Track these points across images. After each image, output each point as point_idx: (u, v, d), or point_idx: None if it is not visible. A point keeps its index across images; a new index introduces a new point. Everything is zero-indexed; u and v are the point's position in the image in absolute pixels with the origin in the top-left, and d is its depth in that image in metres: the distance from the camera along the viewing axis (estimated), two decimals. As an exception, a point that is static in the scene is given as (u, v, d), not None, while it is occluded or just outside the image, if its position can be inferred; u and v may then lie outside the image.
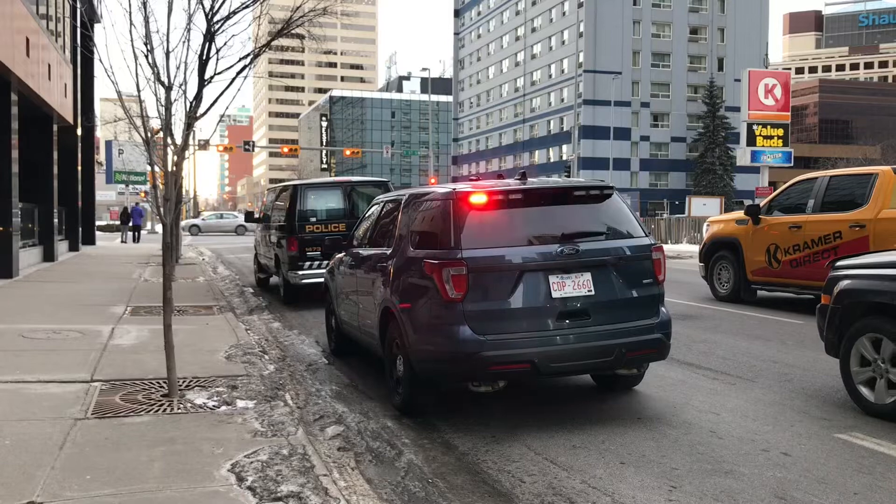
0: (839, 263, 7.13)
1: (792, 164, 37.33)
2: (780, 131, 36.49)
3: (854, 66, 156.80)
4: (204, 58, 7.19)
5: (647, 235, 6.64)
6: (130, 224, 39.41)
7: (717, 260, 13.94)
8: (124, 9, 6.67)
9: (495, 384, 6.17)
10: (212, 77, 7.28)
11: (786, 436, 5.86)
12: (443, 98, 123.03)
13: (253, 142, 67.16)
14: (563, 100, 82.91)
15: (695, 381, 7.65)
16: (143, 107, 7.07)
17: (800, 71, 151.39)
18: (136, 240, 38.48)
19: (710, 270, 14.15)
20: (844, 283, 6.70)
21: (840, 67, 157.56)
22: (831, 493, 4.74)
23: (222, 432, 5.57)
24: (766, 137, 36.23)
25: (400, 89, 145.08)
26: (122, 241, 37.83)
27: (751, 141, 36.11)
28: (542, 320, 6.02)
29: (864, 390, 6.47)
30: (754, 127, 36.06)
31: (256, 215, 18.19)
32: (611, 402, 6.89)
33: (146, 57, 6.67)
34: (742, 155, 37.22)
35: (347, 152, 71.51)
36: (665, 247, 13.58)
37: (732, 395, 7.10)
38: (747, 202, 17.85)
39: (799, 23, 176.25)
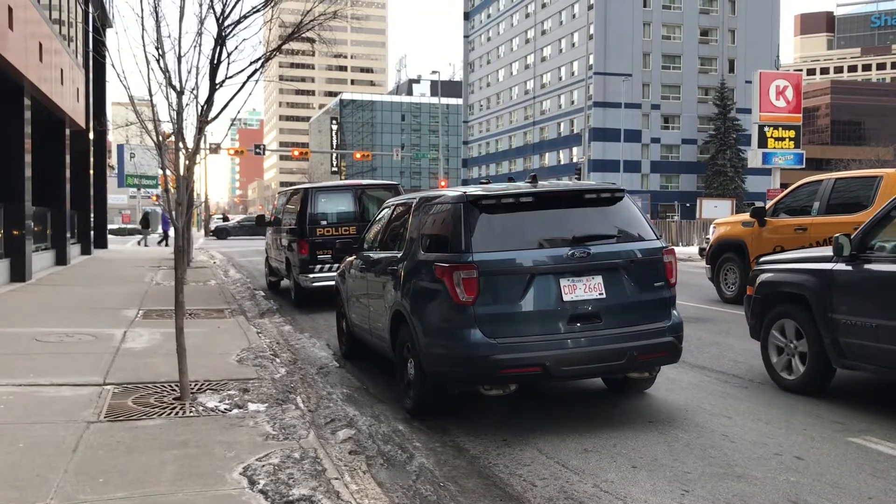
0: (762, 259, 8.22)
1: (804, 166, 37.13)
2: (792, 133, 36.30)
3: (866, 67, 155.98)
4: (215, 62, 7.21)
5: (658, 238, 6.62)
6: (150, 229, 39.81)
7: (723, 262, 13.93)
8: (136, 14, 6.71)
9: (506, 387, 6.16)
10: (223, 81, 7.29)
11: (799, 439, 5.83)
12: (453, 101, 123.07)
13: (264, 145, 67.35)
14: (573, 102, 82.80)
15: (706, 384, 7.62)
16: (154, 111, 7.10)
17: (811, 72, 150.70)
18: (165, 244, 38.76)
19: (716, 272, 14.13)
20: (764, 276, 7.74)
21: (852, 68, 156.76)
22: (846, 498, 4.71)
23: (234, 435, 5.59)
24: (777, 139, 36.04)
25: (410, 92, 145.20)
26: (138, 244, 38.04)
27: (762, 143, 35.93)
28: (554, 323, 6.02)
29: (779, 368, 7.43)
30: (766, 128, 35.88)
31: (267, 218, 18.22)
32: (622, 406, 6.87)
33: (158, 61, 6.70)
34: (753, 157, 37.03)
35: (358, 155, 71.73)
36: (676, 249, 13.60)
37: (744, 398, 7.07)
38: (759, 204, 17.78)
39: (810, 24, 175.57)
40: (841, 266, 6.70)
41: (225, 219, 46.68)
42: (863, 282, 6.57)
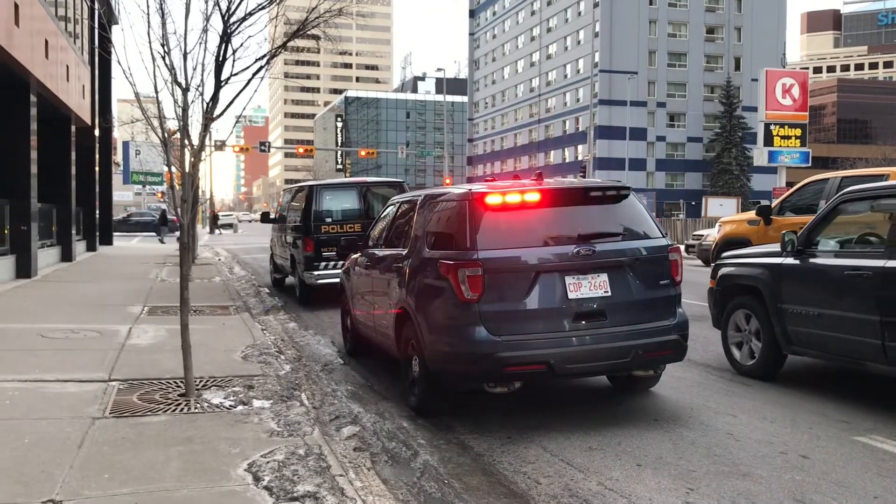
0: (723, 254, 8.88)
1: (810, 165, 36.97)
2: (798, 131, 36.15)
3: (873, 66, 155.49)
4: (220, 59, 7.20)
5: (663, 236, 6.61)
6: (168, 227, 39.86)
7: None
8: (142, 10, 6.72)
9: (511, 385, 6.16)
10: (228, 78, 7.29)
11: (804, 438, 5.82)
12: (458, 98, 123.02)
13: (269, 142, 67.34)
14: (578, 100, 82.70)
15: (712, 382, 7.61)
16: (160, 108, 7.11)
17: (818, 70, 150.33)
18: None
19: None
20: (723, 270, 8.36)
21: (859, 66, 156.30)
22: (851, 497, 4.70)
23: (239, 432, 5.59)
24: (783, 137, 35.89)
25: (415, 90, 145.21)
26: (160, 242, 37.96)
27: (768, 141, 35.78)
28: (558, 321, 6.01)
29: (737, 355, 8.00)
30: (772, 127, 35.73)
31: (272, 216, 18.23)
32: (627, 404, 6.87)
33: (163, 58, 6.71)
34: (759, 155, 36.87)
35: (362, 153, 71.63)
36: (681, 247, 13.61)
37: (749, 396, 7.06)
38: (765, 202, 17.80)
39: (817, 22, 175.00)
40: (789, 260, 7.38)
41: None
42: (807, 274, 7.20)
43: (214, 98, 7.08)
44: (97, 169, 27.97)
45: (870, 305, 6.35)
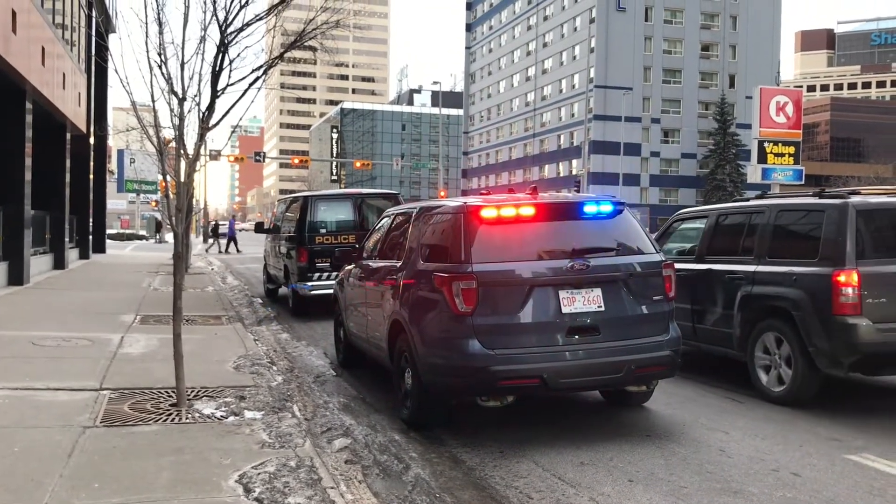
0: None
1: (803, 182, 37.21)
2: (792, 149, 36.40)
3: (866, 85, 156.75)
4: (217, 69, 7.22)
5: (657, 252, 6.63)
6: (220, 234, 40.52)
7: None
8: (140, 19, 6.72)
9: (504, 399, 6.15)
10: (225, 88, 7.30)
11: (795, 456, 5.82)
12: (453, 111, 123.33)
13: (264, 152, 67.40)
14: (573, 115, 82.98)
15: (704, 398, 7.62)
16: (156, 116, 7.11)
17: (811, 89, 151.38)
18: (226, 251, 39.13)
19: None
20: None
21: (852, 86, 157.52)
22: (842, 515, 4.70)
23: (230, 443, 5.57)
24: (777, 155, 36.13)
25: (411, 102, 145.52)
26: (222, 252, 38.20)
27: (762, 158, 36.03)
28: (552, 335, 6.01)
29: None
30: (765, 144, 35.97)
31: (266, 226, 18.22)
32: (619, 419, 6.87)
33: (160, 68, 6.71)
34: (753, 172, 37.13)
35: (358, 164, 71.75)
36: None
37: (742, 413, 7.07)
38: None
39: (811, 41, 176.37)
40: None
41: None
42: None
43: (210, 108, 7.09)
44: (91, 177, 27.89)
45: (686, 297, 8.45)
